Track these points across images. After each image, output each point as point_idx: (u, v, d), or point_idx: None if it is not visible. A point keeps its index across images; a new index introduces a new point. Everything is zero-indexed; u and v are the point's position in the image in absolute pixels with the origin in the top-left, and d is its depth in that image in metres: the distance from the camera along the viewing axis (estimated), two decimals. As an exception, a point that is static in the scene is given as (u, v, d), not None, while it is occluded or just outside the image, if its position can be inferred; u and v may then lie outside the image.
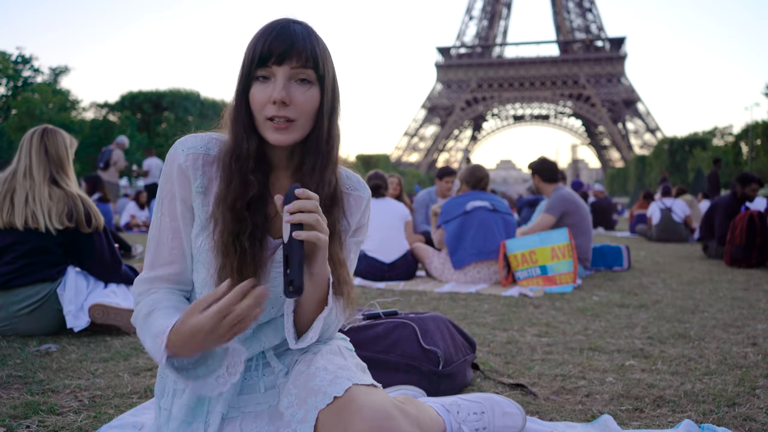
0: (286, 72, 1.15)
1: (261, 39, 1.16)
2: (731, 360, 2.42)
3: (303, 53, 1.15)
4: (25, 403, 1.83)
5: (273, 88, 1.15)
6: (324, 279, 1.16)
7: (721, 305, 3.72)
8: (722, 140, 43.69)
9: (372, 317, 2.14)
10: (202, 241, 1.21)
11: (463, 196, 4.80)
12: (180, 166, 1.21)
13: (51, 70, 29.80)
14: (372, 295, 4.09)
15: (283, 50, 1.14)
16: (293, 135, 1.17)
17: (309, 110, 1.18)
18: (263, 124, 1.17)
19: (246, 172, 1.18)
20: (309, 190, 1.14)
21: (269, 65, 1.15)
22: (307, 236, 1.07)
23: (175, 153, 1.22)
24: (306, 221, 1.08)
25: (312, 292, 1.16)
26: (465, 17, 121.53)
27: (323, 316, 1.17)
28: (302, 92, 1.16)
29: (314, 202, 1.09)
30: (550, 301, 3.87)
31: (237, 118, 1.19)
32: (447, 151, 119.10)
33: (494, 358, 2.45)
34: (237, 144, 1.19)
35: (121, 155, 10.68)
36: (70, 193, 2.79)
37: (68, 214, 2.75)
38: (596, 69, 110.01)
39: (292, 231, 1.07)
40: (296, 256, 1.07)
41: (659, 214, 9.49)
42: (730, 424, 1.72)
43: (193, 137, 1.25)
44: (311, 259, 1.13)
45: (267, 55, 1.15)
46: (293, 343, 1.19)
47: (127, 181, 29.24)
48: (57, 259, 2.79)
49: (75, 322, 2.74)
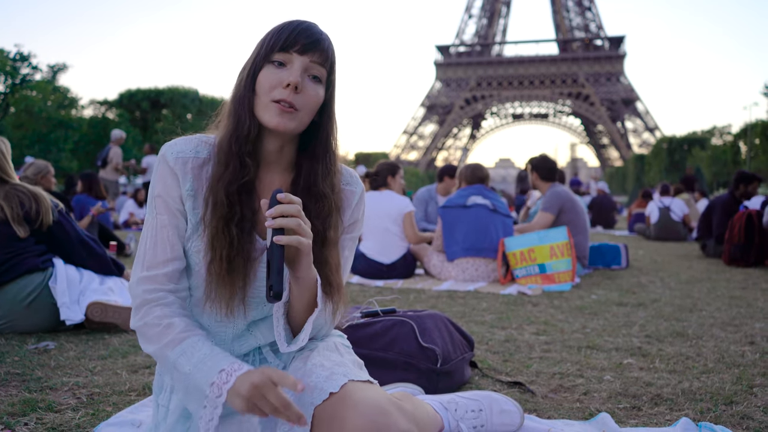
0: (305, 63, 1.18)
1: (287, 28, 1.19)
2: (729, 358, 2.43)
3: (325, 53, 1.20)
4: (23, 401, 1.83)
5: (288, 73, 1.17)
6: (311, 282, 1.15)
7: (719, 304, 3.73)
8: (721, 139, 43.76)
9: (370, 315, 2.14)
10: (192, 243, 1.21)
11: (466, 189, 4.80)
12: (171, 169, 1.21)
13: (49, 68, 29.74)
14: (370, 293, 4.09)
15: (309, 42, 1.18)
16: (294, 123, 1.18)
17: (312, 106, 1.20)
18: (266, 106, 1.17)
19: (244, 154, 1.19)
20: (326, 195, 1.17)
21: (291, 52, 1.17)
22: (288, 240, 1.07)
23: (164, 157, 1.22)
24: (287, 225, 1.08)
25: (300, 295, 1.16)
26: (464, 15, 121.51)
27: (312, 318, 1.17)
28: (311, 87, 1.19)
29: (296, 207, 1.09)
30: (549, 300, 3.88)
31: (242, 101, 1.20)
32: (446, 150, 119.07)
33: (492, 356, 2.45)
34: (239, 124, 1.19)
35: (118, 152, 10.64)
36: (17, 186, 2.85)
37: (20, 204, 2.79)
38: (595, 68, 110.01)
39: (274, 236, 1.07)
40: (276, 261, 1.06)
41: (658, 213, 9.50)
42: (728, 423, 1.72)
43: (182, 141, 1.24)
44: (295, 263, 1.13)
45: (292, 41, 1.17)
46: (284, 346, 1.18)
47: (126, 179, 29.22)
48: (37, 249, 2.82)
49: (69, 314, 2.75)
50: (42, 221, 2.83)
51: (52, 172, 4.87)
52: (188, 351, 1.12)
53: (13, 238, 2.77)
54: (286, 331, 1.18)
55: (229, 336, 1.26)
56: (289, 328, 1.20)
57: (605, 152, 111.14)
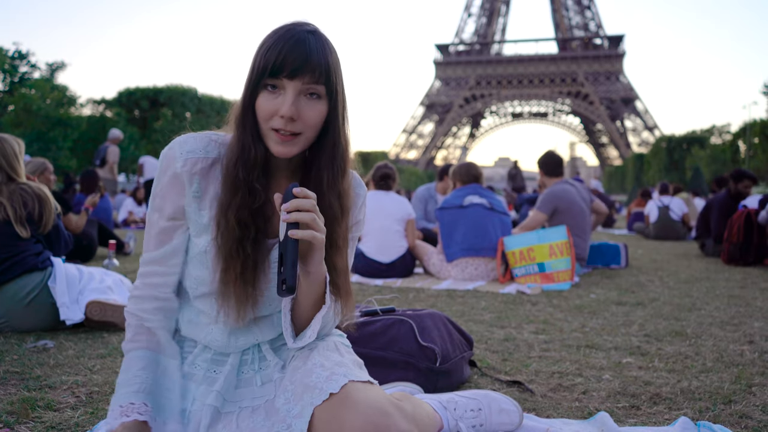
0: (297, 87, 1.13)
1: (275, 48, 1.12)
2: (728, 358, 2.43)
3: (317, 69, 1.13)
4: (22, 400, 1.83)
5: (282, 102, 1.12)
6: (321, 277, 1.16)
7: (717, 303, 3.73)
8: (720, 138, 43.72)
9: (369, 314, 2.14)
10: (203, 244, 1.21)
11: (462, 189, 4.79)
12: (175, 173, 1.20)
13: (48, 66, 29.64)
14: (370, 292, 4.09)
15: (297, 66, 1.11)
16: (297, 147, 1.16)
17: (315, 124, 1.16)
18: (267, 134, 1.16)
19: (252, 180, 1.17)
20: (332, 204, 1.17)
21: (280, 78, 1.12)
22: (303, 235, 1.08)
23: (173, 155, 1.21)
24: (303, 220, 1.08)
25: (309, 291, 1.16)
26: (464, 14, 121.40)
27: (321, 315, 1.17)
28: (311, 107, 1.15)
29: (311, 201, 1.10)
30: (548, 299, 3.88)
31: (245, 125, 1.17)
32: (445, 149, 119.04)
33: (491, 355, 2.45)
34: (245, 151, 1.17)
35: (116, 151, 10.64)
36: (23, 186, 2.86)
37: (23, 205, 2.81)
38: (595, 67, 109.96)
39: (288, 230, 1.07)
40: (290, 256, 1.07)
41: (657, 213, 9.51)
42: (726, 422, 1.72)
43: (192, 139, 1.22)
44: (308, 257, 1.13)
45: (279, 67, 1.12)
46: (291, 342, 1.19)
47: (125, 178, 29.17)
48: (36, 248, 2.82)
49: (68, 314, 2.75)
50: (45, 224, 2.85)
51: (51, 169, 4.85)
52: (133, 361, 1.21)
53: (14, 237, 2.77)
54: (292, 328, 1.19)
55: (226, 330, 1.26)
56: (293, 324, 1.21)
57: (604, 151, 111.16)
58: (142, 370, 1.19)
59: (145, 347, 1.22)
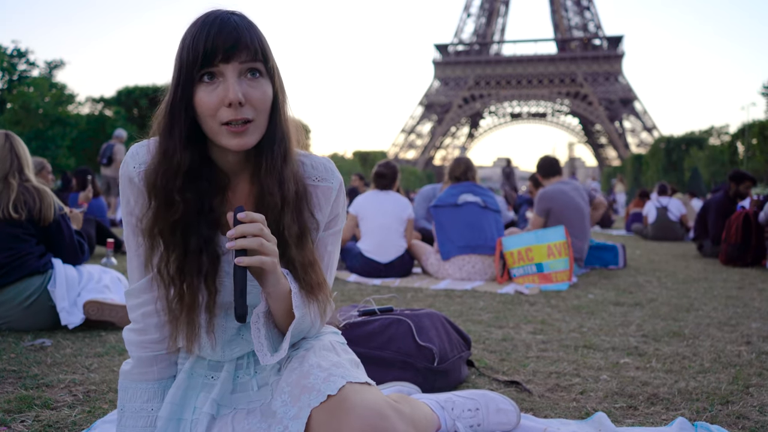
0: (235, 69, 1.06)
1: (201, 35, 1.05)
2: (725, 358, 2.43)
3: (251, 46, 1.07)
4: (19, 398, 1.82)
5: (224, 89, 1.06)
6: (282, 294, 1.12)
7: (715, 304, 3.73)
8: (719, 139, 43.74)
9: (367, 314, 2.14)
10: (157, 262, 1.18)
11: (456, 187, 4.80)
12: (138, 189, 1.17)
13: (46, 64, 29.61)
14: (368, 292, 4.09)
15: (230, 45, 1.05)
16: (253, 136, 1.10)
17: (265, 107, 1.10)
18: (218, 132, 1.08)
19: (172, 190, 1.11)
20: (272, 192, 1.12)
21: (215, 63, 1.05)
22: (250, 262, 1.04)
23: (128, 172, 1.17)
24: (248, 246, 1.03)
25: (276, 307, 1.14)
26: (463, 14, 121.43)
27: (291, 329, 1.14)
28: (255, 88, 1.08)
29: (258, 225, 1.04)
30: (546, 299, 3.88)
31: (171, 130, 1.10)
32: (444, 149, 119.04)
33: (489, 355, 2.45)
34: (167, 158, 1.10)
35: (122, 149, 10.74)
36: (25, 185, 2.84)
37: (24, 203, 2.77)
38: (594, 67, 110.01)
39: (236, 257, 1.04)
40: (238, 283, 1.04)
41: (655, 213, 9.52)
42: (724, 422, 1.72)
43: (144, 149, 1.17)
44: (262, 280, 1.10)
45: (211, 52, 1.04)
46: (266, 357, 1.13)
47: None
48: (38, 249, 2.80)
49: (69, 318, 2.74)
50: (42, 216, 2.81)
51: (49, 168, 4.84)
52: (138, 392, 1.24)
53: (15, 239, 2.73)
54: (269, 340, 1.15)
55: (217, 344, 1.24)
56: (278, 332, 1.18)
57: (603, 152, 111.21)
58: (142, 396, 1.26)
59: (149, 378, 1.26)
